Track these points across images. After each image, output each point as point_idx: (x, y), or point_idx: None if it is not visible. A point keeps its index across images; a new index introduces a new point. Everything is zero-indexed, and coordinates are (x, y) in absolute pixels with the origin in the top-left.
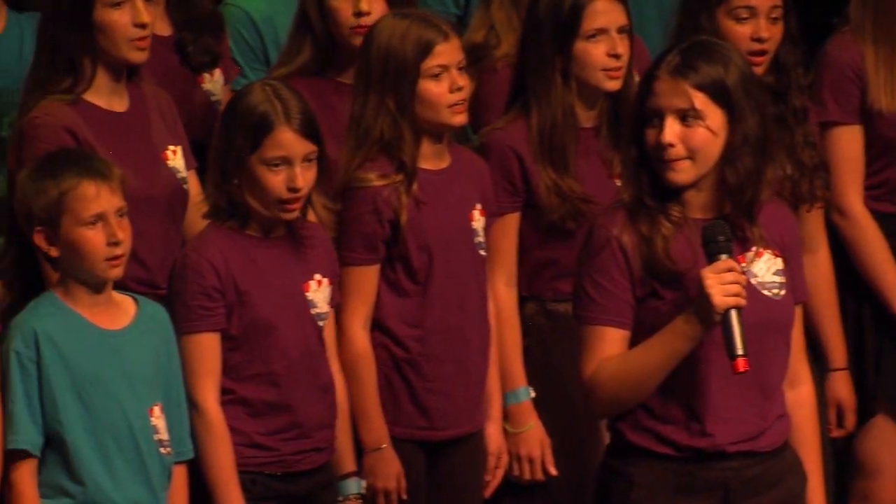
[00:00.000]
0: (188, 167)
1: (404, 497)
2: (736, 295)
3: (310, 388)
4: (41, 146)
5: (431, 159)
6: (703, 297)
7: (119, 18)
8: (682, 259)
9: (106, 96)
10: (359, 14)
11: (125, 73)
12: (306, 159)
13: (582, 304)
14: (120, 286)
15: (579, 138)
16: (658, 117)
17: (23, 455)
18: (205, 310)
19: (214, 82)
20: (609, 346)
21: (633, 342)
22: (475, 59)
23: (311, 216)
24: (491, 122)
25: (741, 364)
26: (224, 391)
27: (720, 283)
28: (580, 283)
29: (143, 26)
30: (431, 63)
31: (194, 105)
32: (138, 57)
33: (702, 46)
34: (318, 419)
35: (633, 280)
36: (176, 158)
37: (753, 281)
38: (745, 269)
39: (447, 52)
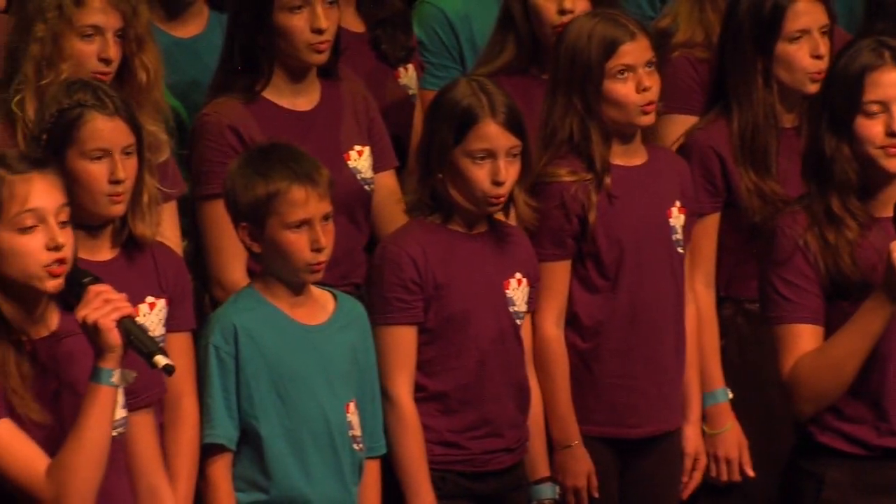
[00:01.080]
0: (385, 167)
1: (596, 495)
2: None
3: (502, 386)
4: (205, 143)
5: (623, 156)
6: (890, 270)
7: (297, 23)
8: (867, 264)
9: (289, 95)
10: (562, 12)
11: (314, 73)
12: (510, 153)
13: (774, 305)
14: None
15: (781, 139)
16: (882, 107)
17: (219, 449)
18: (402, 302)
19: (410, 77)
20: (806, 343)
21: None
22: (658, 46)
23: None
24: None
25: None
26: (417, 387)
27: None
28: (770, 284)
29: (320, 31)
30: (616, 63)
31: (392, 100)
32: (316, 60)
33: None
34: (510, 418)
35: (820, 279)
36: (360, 159)
37: None
38: None
39: (633, 52)
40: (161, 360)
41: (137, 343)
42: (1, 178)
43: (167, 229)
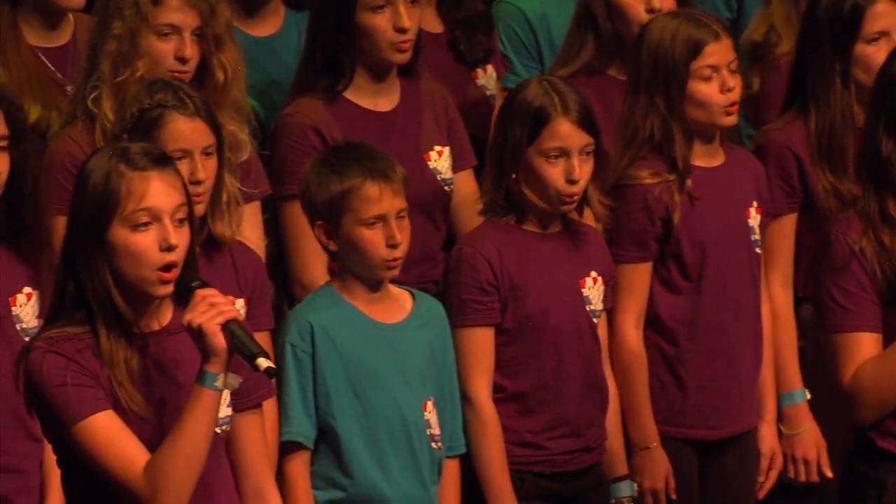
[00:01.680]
0: (464, 166)
1: (674, 497)
2: None
3: (581, 385)
4: (287, 143)
5: (703, 157)
6: None
7: (380, 22)
8: None
9: (370, 96)
10: (651, 11)
11: (394, 73)
12: (584, 151)
13: (832, 313)
14: None
15: (858, 140)
16: None
17: (296, 447)
18: (479, 304)
19: (488, 77)
20: (865, 351)
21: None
22: (756, 58)
23: (587, 212)
24: (772, 120)
25: None
26: (495, 388)
27: None
28: (826, 292)
29: (403, 31)
30: (701, 63)
31: (469, 101)
32: (399, 59)
33: None
34: (588, 417)
35: (877, 286)
36: (440, 160)
37: None
38: None
39: (718, 53)
40: (263, 362)
41: (240, 346)
42: (120, 173)
43: (248, 229)
